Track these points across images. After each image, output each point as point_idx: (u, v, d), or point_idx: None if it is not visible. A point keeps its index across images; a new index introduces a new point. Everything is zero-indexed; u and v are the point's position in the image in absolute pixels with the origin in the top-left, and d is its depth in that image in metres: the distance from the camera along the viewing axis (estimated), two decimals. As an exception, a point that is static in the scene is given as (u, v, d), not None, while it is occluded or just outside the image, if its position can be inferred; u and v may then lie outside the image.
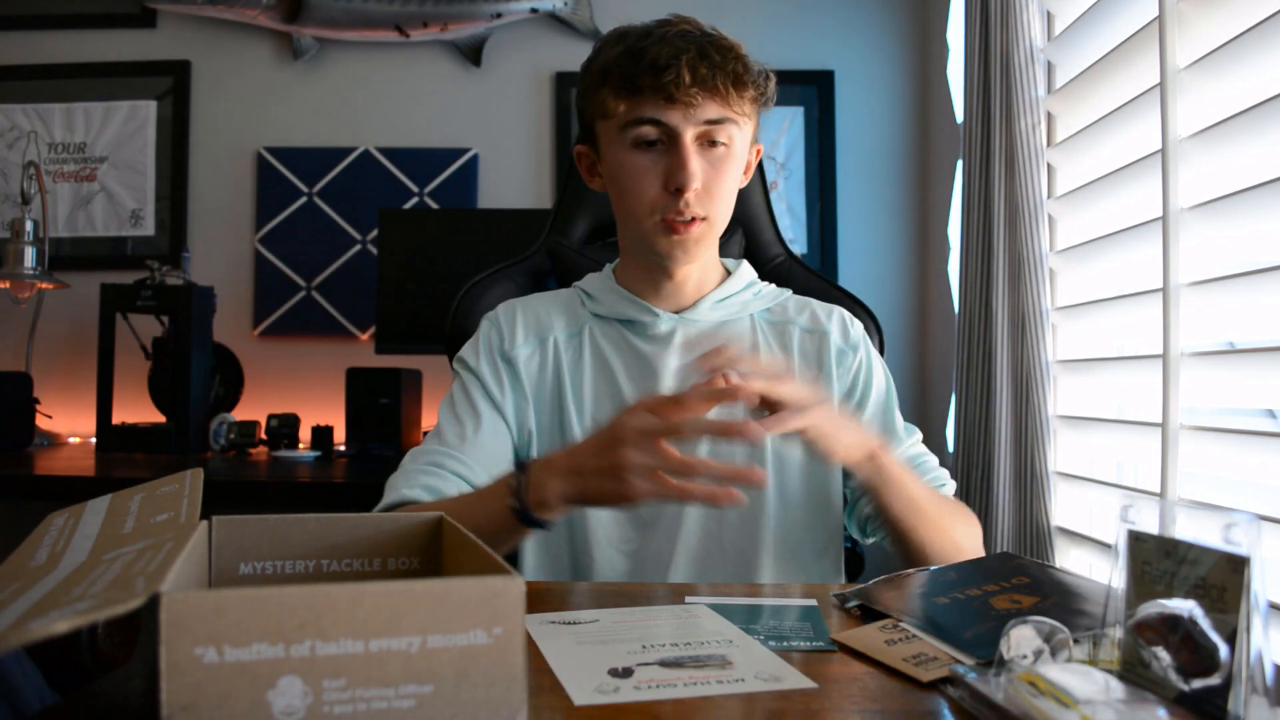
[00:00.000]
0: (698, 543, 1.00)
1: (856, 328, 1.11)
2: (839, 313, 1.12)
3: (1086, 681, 0.47)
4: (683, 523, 1.00)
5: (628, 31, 0.99)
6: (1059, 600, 0.67)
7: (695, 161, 0.97)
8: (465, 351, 1.08)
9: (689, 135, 0.96)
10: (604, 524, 1.01)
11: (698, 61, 0.94)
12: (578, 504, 0.81)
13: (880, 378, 1.10)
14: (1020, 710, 0.46)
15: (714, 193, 0.99)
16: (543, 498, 0.80)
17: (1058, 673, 0.48)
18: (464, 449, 0.99)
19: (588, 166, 1.09)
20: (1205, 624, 0.46)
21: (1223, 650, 0.45)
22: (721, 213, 1.02)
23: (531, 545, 1.03)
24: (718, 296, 1.08)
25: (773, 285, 1.14)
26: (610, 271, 1.12)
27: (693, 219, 0.99)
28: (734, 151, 1.00)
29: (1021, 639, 0.51)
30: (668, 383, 1.03)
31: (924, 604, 0.70)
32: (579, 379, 1.05)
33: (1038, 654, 0.51)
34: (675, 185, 0.97)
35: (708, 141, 0.98)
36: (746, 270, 1.13)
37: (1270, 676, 0.45)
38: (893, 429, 1.08)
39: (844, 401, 1.07)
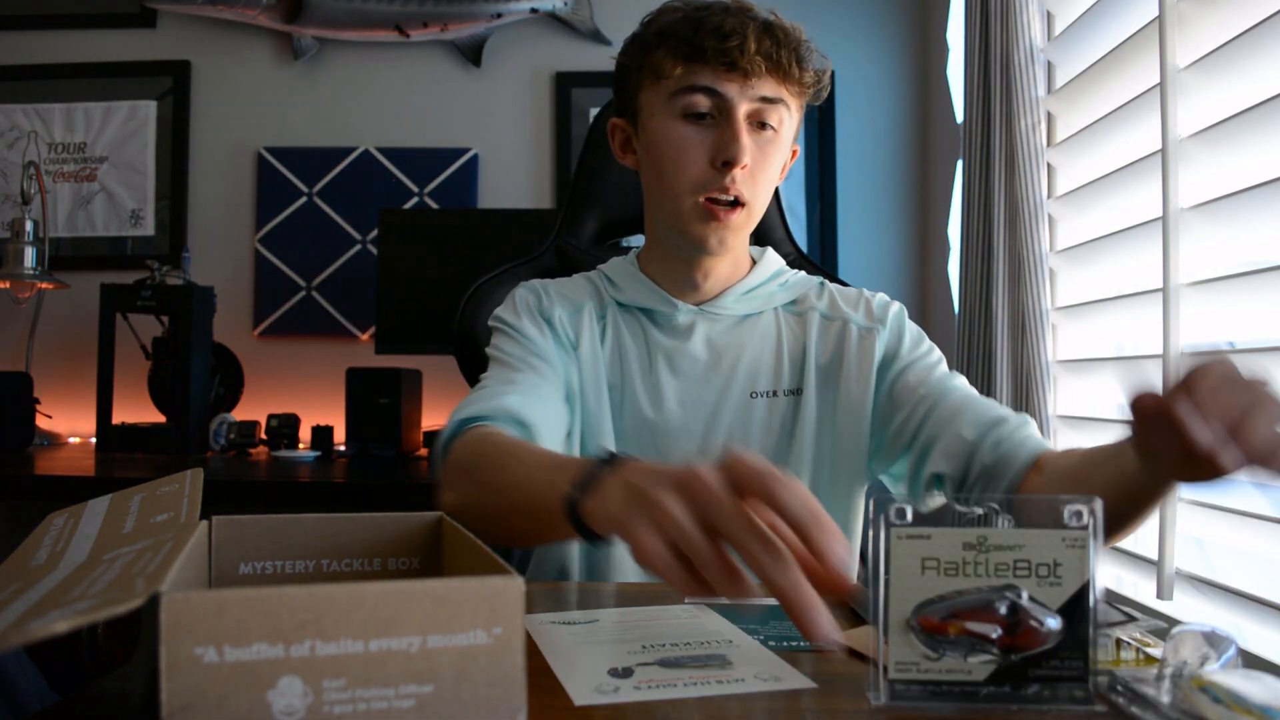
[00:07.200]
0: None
1: (890, 308, 1.03)
2: (867, 298, 1.05)
3: (1260, 687, 0.47)
4: None
5: (683, 4, 0.95)
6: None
7: (747, 136, 0.92)
8: (504, 312, 1.02)
9: (742, 110, 0.92)
10: None
11: (763, 33, 0.90)
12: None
13: (918, 335, 1.02)
14: (1195, 715, 0.46)
15: (758, 177, 0.94)
16: (599, 504, 0.58)
17: (1227, 677, 0.48)
18: (535, 387, 0.93)
19: (621, 142, 1.03)
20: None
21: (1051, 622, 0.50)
22: (761, 201, 0.97)
23: None
24: (742, 289, 1.02)
25: (803, 274, 1.08)
26: (634, 258, 1.07)
27: (735, 203, 0.93)
28: (780, 139, 0.95)
29: (1184, 644, 0.51)
30: (680, 378, 0.99)
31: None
32: (600, 360, 1.00)
33: (1203, 659, 0.50)
34: (725, 158, 0.91)
35: (757, 123, 0.93)
36: (772, 259, 1.07)
37: None
38: (945, 374, 0.98)
39: (885, 369, 0.99)
